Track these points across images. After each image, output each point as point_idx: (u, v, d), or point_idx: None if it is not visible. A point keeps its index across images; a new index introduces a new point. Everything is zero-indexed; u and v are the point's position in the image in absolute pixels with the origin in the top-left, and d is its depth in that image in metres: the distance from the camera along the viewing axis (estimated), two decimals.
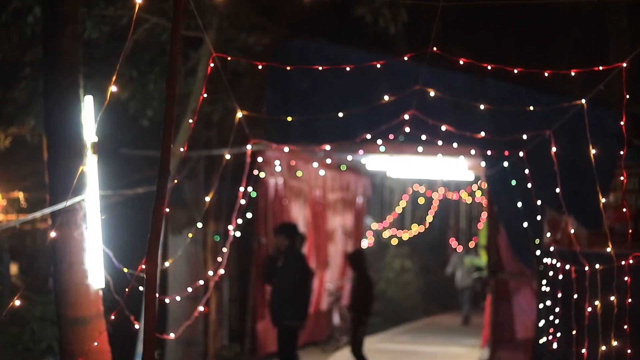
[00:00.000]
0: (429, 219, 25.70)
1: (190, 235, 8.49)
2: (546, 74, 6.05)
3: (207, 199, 7.88)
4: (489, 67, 5.87)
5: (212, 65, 5.76)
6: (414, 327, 21.93)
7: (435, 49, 5.77)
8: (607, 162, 10.24)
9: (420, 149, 11.92)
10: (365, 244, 21.75)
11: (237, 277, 14.59)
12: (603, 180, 11.78)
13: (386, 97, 7.76)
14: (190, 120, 9.60)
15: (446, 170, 17.60)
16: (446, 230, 24.19)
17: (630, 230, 7.67)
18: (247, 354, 14.34)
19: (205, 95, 5.90)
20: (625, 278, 6.82)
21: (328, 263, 17.82)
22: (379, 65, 6.10)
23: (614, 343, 7.15)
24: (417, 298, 24.23)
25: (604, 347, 7.43)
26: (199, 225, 11.74)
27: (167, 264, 10.10)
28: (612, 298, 7.31)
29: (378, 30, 11.84)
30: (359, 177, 20.22)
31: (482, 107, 7.78)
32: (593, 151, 6.61)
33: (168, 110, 4.39)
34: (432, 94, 7.24)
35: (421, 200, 25.15)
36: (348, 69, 6.53)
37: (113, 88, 4.62)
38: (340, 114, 8.39)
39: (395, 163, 16.12)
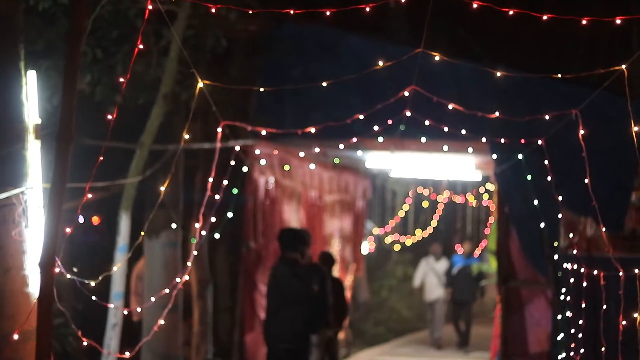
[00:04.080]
0: (434, 223, 24.81)
1: (142, 233, 7.33)
2: (584, 21, 4.84)
3: (162, 188, 6.67)
4: (511, 13, 4.67)
5: (150, 7, 4.51)
6: (417, 338, 20.90)
7: None
8: (628, 158, 9.33)
9: (423, 139, 10.82)
10: (365, 249, 20.75)
11: (224, 285, 13.49)
12: (625, 178, 10.92)
13: (380, 63, 6.59)
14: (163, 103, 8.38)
15: (452, 169, 16.55)
16: (452, 236, 23.29)
17: None
18: None
19: (141, 46, 4.67)
20: None
21: None
22: (367, 9, 4.92)
23: None
24: (420, 307, 23.30)
25: None
26: (174, 226, 10.71)
27: (115, 268, 8.97)
28: None
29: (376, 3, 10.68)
30: (359, 178, 19.14)
31: (498, 74, 6.60)
32: (636, 128, 5.34)
33: (71, 46, 3.22)
34: (437, 58, 6.05)
35: (425, 204, 24.41)
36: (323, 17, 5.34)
37: None
38: (324, 83, 7.22)
39: (396, 160, 15.08)
